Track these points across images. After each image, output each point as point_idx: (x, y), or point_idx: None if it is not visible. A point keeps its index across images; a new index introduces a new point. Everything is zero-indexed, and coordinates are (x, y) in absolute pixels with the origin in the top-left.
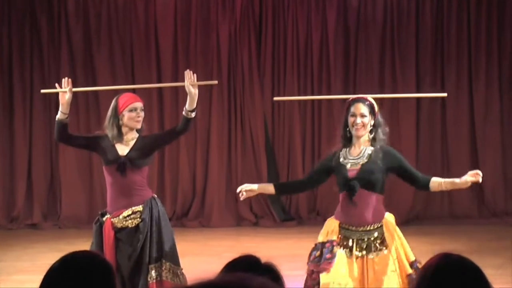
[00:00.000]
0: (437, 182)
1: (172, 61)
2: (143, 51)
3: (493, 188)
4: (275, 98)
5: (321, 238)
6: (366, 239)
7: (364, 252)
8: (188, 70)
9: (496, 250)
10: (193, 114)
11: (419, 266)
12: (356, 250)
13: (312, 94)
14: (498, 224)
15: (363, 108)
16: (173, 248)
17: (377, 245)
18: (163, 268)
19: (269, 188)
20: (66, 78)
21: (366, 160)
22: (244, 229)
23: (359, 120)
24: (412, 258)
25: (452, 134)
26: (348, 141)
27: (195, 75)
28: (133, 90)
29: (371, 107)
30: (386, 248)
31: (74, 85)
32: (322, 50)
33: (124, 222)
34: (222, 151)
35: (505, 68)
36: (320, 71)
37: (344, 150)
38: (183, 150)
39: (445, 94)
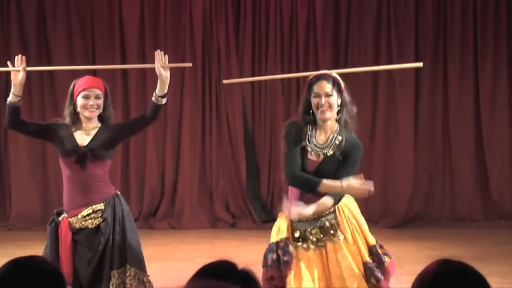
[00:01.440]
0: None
1: (138, 41)
2: (105, 29)
3: (500, 187)
4: (224, 81)
5: (273, 237)
6: (318, 228)
7: (320, 243)
8: (158, 51)
9: (503, 257)
10: (163, 100)
11: (379, 251)
12: (311, 242)
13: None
14: (505, 228)
15: (327, 87)
16: (139, 252)
17: (332, 231)
18: (127, 275)
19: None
20: (20, 56)
21: (331, 152)
22: (220, 231)
23: (324, 100)
24: (372, 242)
25: (455, 126)
26: (312, 122)
27: (166, 56)
28: (94, 72)
29: (337, 85)
30: (342, 234)
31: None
32: (308, 28)
33: (83, 222)
34: (195, 142)
35: None
36: (307, 51)
37: (308, 128)
38: (150, 141)
39: (420, 64)
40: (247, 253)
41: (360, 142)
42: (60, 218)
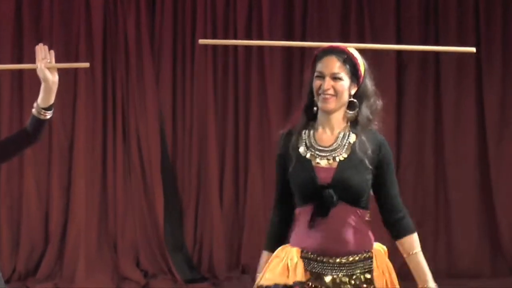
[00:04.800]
0: (408, 244)
1: (14, 31)
2: None
3: None
4: (201, 41)
5: (276, 277)
6: (347, 279)
7: None
8: (41, 45)
9: None
10: (48, 114)
11: None
12: None
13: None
14: None
15: (336, 65)
16: None
17: (363, 285)
18: None
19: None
20: None
21: (346, 155)
22: None
23: (327, 84)
24: None
25: (452, 154)
26: (311, 117)
27: (52, 52)
28: None
29: (351, 64)
30: None
31: None
32: (251, 12)
33: None
34: (93, 174)
35: None
36: (248, 39)
37: (305, 133)
38: (29, 171)
39: (473, 49)
40: None
41: (383, 137)
42: None
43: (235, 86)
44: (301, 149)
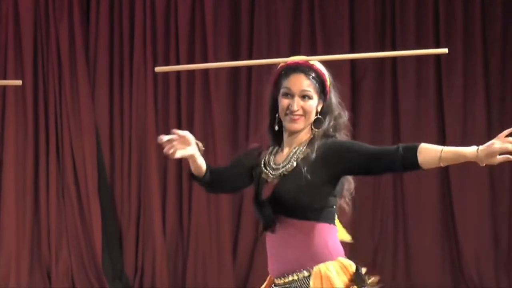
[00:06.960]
0: (432, 151)
1: None
2: None
3: (476, 255)
4: (157, 69)
5: None
6: None
7: None
8: None
9: None
10: None
11: None
12: None
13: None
14: None
15: (305, 83)
16: None
17: None
18: None
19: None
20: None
21: (291, 169)
22: None
23: (297, 105)
24: None
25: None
26: (278, 136)
27: None
28: None
29: (320, 81)
30: None
31: None
32: (194, 15)
33: None
34: (23, 196)
35: (494, 64)
36: (191, 48)
37: (270, 152)
38: None
39: (445, 50)
40: None
41: (334, 140)
42: None
43: (178, 101)
44: (260, 168)
